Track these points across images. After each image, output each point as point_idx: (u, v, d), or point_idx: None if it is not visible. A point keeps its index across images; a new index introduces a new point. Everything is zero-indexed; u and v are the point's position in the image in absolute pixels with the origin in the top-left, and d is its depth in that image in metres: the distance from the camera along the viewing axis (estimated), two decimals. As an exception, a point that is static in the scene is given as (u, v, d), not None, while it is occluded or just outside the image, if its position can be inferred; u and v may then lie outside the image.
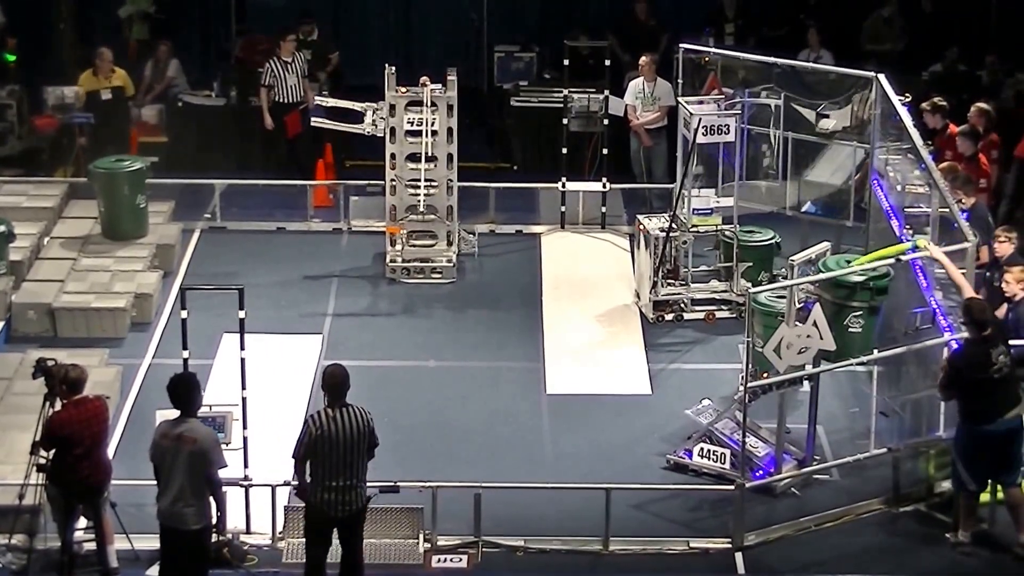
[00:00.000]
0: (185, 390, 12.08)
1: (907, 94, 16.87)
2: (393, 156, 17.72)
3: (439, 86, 17.66)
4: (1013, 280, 14.21)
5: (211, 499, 12.04)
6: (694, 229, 16.75)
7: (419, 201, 17.69)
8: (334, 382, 12.04)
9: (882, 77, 16.45)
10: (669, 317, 16.88)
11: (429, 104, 17.51)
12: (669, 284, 16.85)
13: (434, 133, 17.57)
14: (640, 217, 17.30)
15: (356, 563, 12.28)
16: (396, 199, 17.80)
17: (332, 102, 18.35)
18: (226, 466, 12.23)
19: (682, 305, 16.89)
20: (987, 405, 13.08)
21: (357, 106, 18.00)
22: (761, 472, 13.87)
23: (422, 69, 23.10)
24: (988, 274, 14.59)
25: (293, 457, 11.99)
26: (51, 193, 18.99)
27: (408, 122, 17.59)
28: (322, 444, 11.84)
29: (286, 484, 13.20)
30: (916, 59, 21.04)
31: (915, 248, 14.17)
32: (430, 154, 17.59)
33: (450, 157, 17.73)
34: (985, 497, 13.69)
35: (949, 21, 21.86)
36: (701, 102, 17.11)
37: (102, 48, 20.28)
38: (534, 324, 16.98)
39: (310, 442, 11.85)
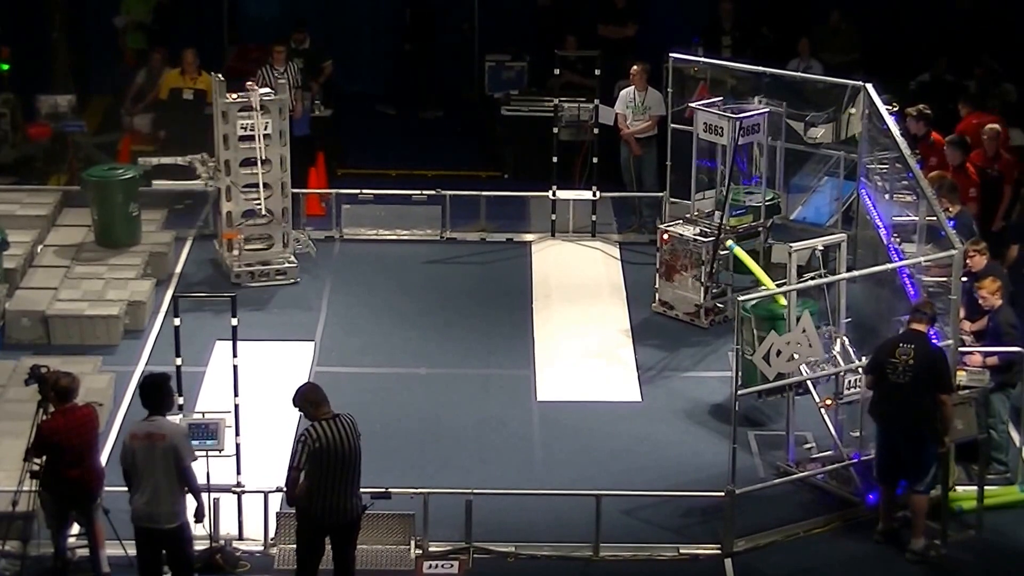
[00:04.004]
0: (156, 391, 12.16)
1: (895, 103, 16.99)
2: (228, 163, 17.73)
3: (268, 89, 17.78)
4: (988, 292, 14.34)
5: (186, 493, 12.12)
6: (731, 228, 16.80)
7: (256, 206, 17.81)
8: (316, 397, 12.04)
9: (870, 87, 16.54)
10: (718, 319, 16.99)
11: (259, 108, 17.57)
12: (712, 287, 16.97)
13: (267, 136, 17.66)
14: (663, 226, 17.33)
15: (349, 571, 12.34)
16: (232, 205, 17.83)
17: (155, 160, 18.32)
18: (196, 459, 12.33)
19: (720, 306, 17.00)
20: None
21: (181, 160, 18.08)
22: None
23: (415, 77, 23.40)
24: (969, 285, 14.66)
25: (293, 469, 11.93)
26: (45, 201, 19.08)
27: (241, 127, 17.64)
28: (321, 456, 11.84)
29: (278, 491, 13.26)
30: (903, 68, 21.15)
31: None
32: (264, 157, 17.70)
33: (282, 159, 17.81)
34: (971, 503, 13.81)
35: (938, 31, 21.99)
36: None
37: (187, 50, 20.32)
38: (525, 332, 17.05)
39: (310, 454, 11.85)
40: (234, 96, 17.69)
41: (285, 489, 12.11)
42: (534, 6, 22.87)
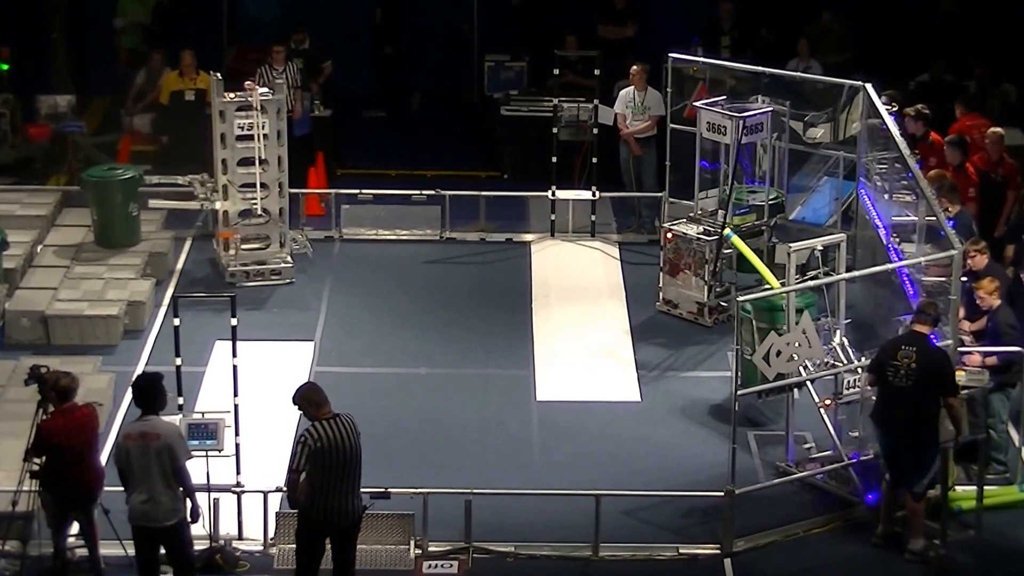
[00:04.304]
0: (149, 391, 12.19)
1: (894, 103, 16.99)
2: (224, 161, 17.77)
3: (266, 89, 17.79)
4: (985, 292, 14.35)
5: (181, 492, 12.15)
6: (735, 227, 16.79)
7: (252, 205, 17.84)
8: (317, 397, 12.02)
9: (869, 87, 16.55)
10: (722, 318, 16.98)
11: (259, 108, 17.63)
12: (715, 286, 16.99)
13: (265, 136, 17.70)
14: (667, 225, 17.36)
15: (349, 572, 12.34)
16: (229, 204, 17.85)
17: (156, 179, 18.39)
18: (192, 457, 12.37)
19: (724, 305, 16.99)
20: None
21: (181, 180, 18.17)
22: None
23: (413, 78, 23.44)
24: (969, 285, 14.66)
25: (293, 471, 11.90)
26: (44, 201, 19.09)
27: (239, 127, 17.68)
28: (321, 457, 11.83)
29: (278, 491, 13.27)
30: (903, 68, 21.16)
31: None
32: (263, 157, 17.75)
33: (280, 159, 17.86)
34: (971, 503, 13.82)
35: (937, 32, 22.01)
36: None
37: (184, 51, 20.34)
38: (524, 332, 17.06)
39: (310, 455, 11.84)
40: (231, 95, 17.71)
41: (286, 491, 12.11)
42: (532, 7, 22.89)
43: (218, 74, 18.07)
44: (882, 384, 13.32)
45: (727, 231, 16.49)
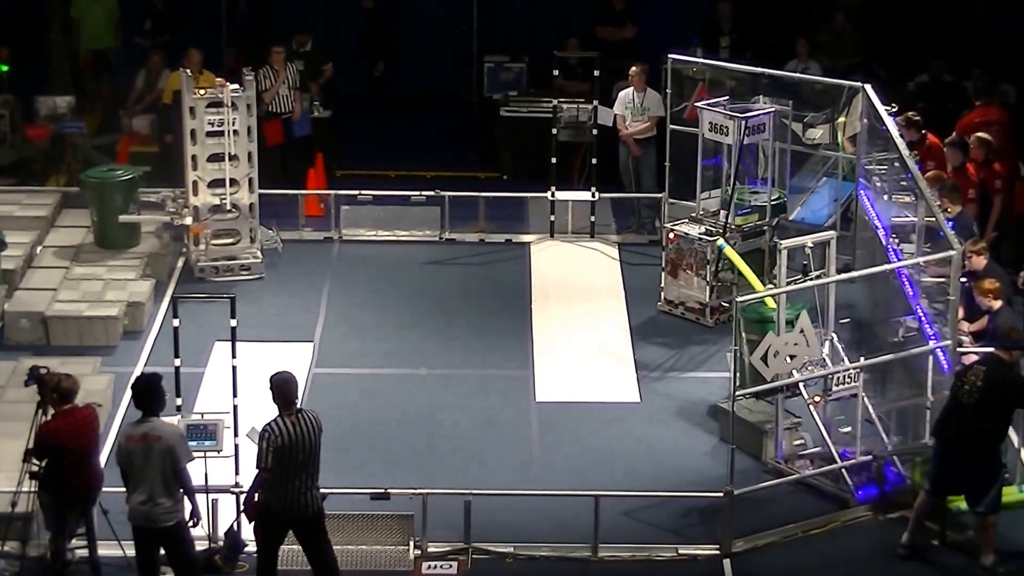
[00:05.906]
0: (149, 392, 12.24)
1: (893, 104, 16.99)
2: (195, 158, 17.85)
3: (237, 86, 17.84)
4: (981, 293, 14.33)
5: (182, 494, 12.19)
6: (737, 228, 16.80)
7: (222, 200, 17.92)
8: (288, 388, 12.19)
9: (869, 88, 16.56)
10: (723, 319, 16.94)
11: (229, 104, 17.67)
12: (717, 286, 16.98)
13: (235, 132, 17.76)
14: (669, 225, 17.37)
15: (330, 563, 12.39)
16: (199, 200, 17.94)
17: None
18: (193, 459, 12.41)
19: (725, 305, 16.97)
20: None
21: (153, 197, 18.27)
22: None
23: (414, 79, 23.44)
24: (968, 285, 14.65)
25: (262, 468, 12.03)
26: (44, 202, 19.10)
27: (209, 123, 17.74)
28: (281, 453, 11.98)
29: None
30: (902, 68, 21.17)
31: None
32: (232, 153, 17.83)
33: (250, 155, 17.95)
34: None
35: (935, 32, 22.01)
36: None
37: (190, 49, 20.39)
38: (524, 332, 17.06)
39: (276, 451, 11.96)
40: (202, 91, 17.75)
41: (251, 489, 12.11)
42: (533, 8, 22.88)
43: (187, 70, 18.12)
44: (951, 401, 13.20)
45: (720, 241, 16.45)
